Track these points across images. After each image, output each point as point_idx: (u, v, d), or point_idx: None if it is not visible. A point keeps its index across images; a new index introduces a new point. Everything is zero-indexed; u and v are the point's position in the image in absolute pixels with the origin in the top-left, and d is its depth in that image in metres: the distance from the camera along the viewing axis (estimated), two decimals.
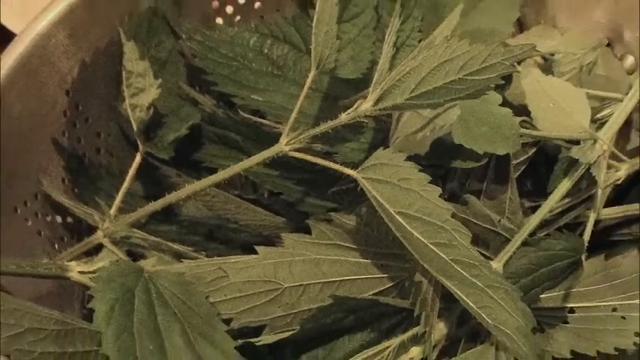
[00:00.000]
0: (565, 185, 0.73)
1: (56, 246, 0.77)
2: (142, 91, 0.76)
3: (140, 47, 0.77)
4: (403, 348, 0.68)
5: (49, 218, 0.77)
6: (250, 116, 0.77)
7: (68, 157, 0.78)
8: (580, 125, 0.72)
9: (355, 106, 0.64)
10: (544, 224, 0.74)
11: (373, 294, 0.68)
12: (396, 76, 0.62)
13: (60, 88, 0.77)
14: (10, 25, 1.08)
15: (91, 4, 0.77)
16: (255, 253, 0.67)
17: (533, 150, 0.77)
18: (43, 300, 0.67)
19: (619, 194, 0.81)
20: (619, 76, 0.83)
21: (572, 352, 0.72)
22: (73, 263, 0.68)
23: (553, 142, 0.76)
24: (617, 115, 0.75)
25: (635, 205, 0.80)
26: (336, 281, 0.67)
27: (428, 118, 0.68)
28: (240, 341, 0.63)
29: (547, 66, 0.83)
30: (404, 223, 0.61)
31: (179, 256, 0.72)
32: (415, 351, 0.68)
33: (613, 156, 0.75)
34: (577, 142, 0.72)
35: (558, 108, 0.73)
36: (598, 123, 0.76)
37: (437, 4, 0.80)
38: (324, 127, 0.66)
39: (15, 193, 0.73)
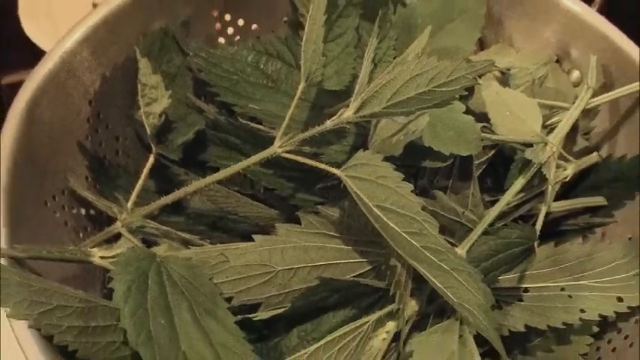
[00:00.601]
0: (520, 182, 0.73)
1: (80, 235, 0.77)
2: (154, 101, 0.76)
3: (153, 63, 0.77)
4: (380, 322, 0.68)
5: (74, 211, 0.77)
6: (248, 122, 0.77)
7: (91, 158, 0.78)
8: (533, 130, 0.72)
9: (339, 114, 0.64)
10: (502, 216, 0.74)
11: (354, 276, 0.68)
12: (374, 87, 0.62)
13: (84, 98, 0.77)
14: (41, 43, 1.07)
15: (111, 25, 0.77)
16: (253, 240, 0.67)
17: (493, 152, 0.76)
18: (69, 281, 0.67)
19: (566, 190, 0.81)
20: (566, 88, 0.84)
21: (526, 326, 0.73)
22: (95, 249, 0.68)
23: (509, 145, 0.76)
24: (565, 122, 0.75)
25: (580, 200, 0.80)
26: (322, 265, 0.67)
27: (401, 124, 0.68)
28: (239, 317, 0.63)
29: (504, 79, 0.83)
30: (381, 215, 0.61)
31: (187, 244, 0.72)
32: (390, 325, 0.68)
33: (561, 157, 0.76)
34: (530, 145, 0.72)
35: (514, 115, 0.73)
36: (548, 128, 0.76)
37: (409, 25, 0.80)
38: (312, 131, 0.66)
39: (45, 190, 0.72)
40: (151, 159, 0.77)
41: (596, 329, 0.76)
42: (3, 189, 0.66)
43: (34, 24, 1.10)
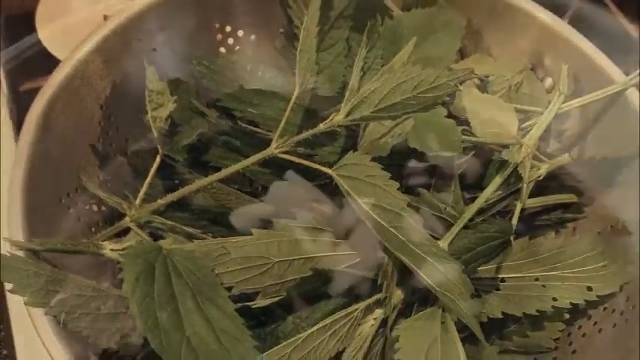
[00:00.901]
0: (497, 181, 0.73)
1: (92, 229, 0.77)
2: (161, 105, 0.76)
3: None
4: (369, 310, 0.68)
5: (87, 207, 0.77)
6: (247, 125, 0.77)
7: (102, 159, 0.78)
8: (509, 133, 0.72)
9: (331, 118, 0.65)
10: (481, 212, 0.74)
11: (345, 267, 0.68)
12: (363, 93, 0.62)
13: (96, 103, 0.77)
14: (56, 53, 1.07)
15: (121, 36, 0.77)
16: (252, 234, 0.67)
17: (472, 152, 0.77)
18: (82, 272, 0.66)
19: (540, 188, 0.81)
20: (540, 94, 0.84)
21: (503, 313, 0.73)
22: (106, 243, 0.67)
23: (488, 147, 0.76)
24: (539, 125, 0.75)
25: (553, 197, 0.80)
26: (315, 257, 0.67)
27: (389, 127, 0.68)
28: (239, 305, 0.63)
29: (483, 86, 0.83)
30: (369, 211, 0.62)
31: (191, 237, 0.72)
32: (378, 312, 0.68)
33: (535, 157, 0.76)
34: (507, 146, 0.72)
35: (492, 119, 0.73)
36: (524, 131, 0.76)
37: (396, 36, 0.80)
38: (306, 134, 0.66)
39: (60, 188, 0.72)
40: (158, 159, 0.77)
41: (567, 316, 0.76)
42: (21, 187, 0.66)
43: (49, 33, 1.10)
